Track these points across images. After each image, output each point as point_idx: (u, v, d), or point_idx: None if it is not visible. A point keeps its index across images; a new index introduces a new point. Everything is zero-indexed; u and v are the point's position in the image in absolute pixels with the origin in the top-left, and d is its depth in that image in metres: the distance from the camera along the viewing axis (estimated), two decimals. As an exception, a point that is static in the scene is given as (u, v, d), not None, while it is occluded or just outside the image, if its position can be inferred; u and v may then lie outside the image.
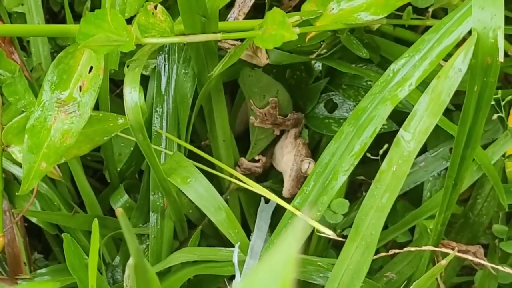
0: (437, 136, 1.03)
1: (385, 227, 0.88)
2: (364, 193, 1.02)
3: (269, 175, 1.12)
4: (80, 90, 0.85)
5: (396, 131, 0.83)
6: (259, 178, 1.10)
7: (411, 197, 1.08)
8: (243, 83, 1.03)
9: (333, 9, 0.88)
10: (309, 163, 1.03)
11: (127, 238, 0.60)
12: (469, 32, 0.77)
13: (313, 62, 1.05)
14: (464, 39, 0.78)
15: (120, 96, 1.10)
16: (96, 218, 0.77)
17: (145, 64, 1.02)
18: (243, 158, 1.05)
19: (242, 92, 1.05)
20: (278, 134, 1.06)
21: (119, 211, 0.60)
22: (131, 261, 0.64)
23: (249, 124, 1.06)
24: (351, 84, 1.05)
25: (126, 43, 0.78)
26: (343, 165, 0.82)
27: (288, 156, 1.04)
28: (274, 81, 1.02)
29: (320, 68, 1.06)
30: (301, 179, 1.03)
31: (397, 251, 0.87)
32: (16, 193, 0.98)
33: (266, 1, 0.97)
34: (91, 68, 0.85)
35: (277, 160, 1.06)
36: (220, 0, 0.89)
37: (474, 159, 0.87)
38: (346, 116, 1.04)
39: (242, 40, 0.92)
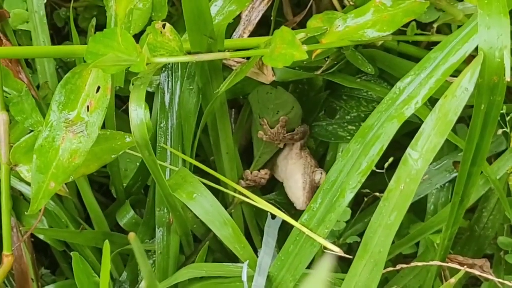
0: (441, 148, 1.03)
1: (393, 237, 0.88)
2: (366, 200, 1.03)
3: (272, 186, 1.13)
4: (88, 110, 0.85)
5: (400, 143, 0.84)
6: (263, 190, 1.10)
7: (415, 209, 1.08)
8: (255, 100, 1.03)
9: (339, 26, 0.89)
10: (321, 173, 1.03)
11: (140, 261, 0.60)
12: (475, 49, 0.78)
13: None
14: (471, 56, 0.79)
15: (126, 111, 1.11)
16: (107, 240, 0.77)
17: (150, 81, 1.02)
18: (247, 171, 1.06)
19: (247, 108, 1.06)
20: (282, 147, 1.06)
21: (131, 236, 0.60)
22: (143, 284, 0.65)
23: (254, 139, 1.07)
24: (351, 95, 1.06)
25: (138, 63, 0.78)
26: (350, 182, 0.83)
27: (293, 167, 1.05)
28: (292, 98, 1.03)
29: (322, 81, 1.07)
30: (314, 189, 1.03)
31: (404, 266, 0.88)
32: (25, 213, 0.99)
33: (272, 17, 0.98)
34: (98, 87, 0.85)
35: (280, 170, 1.07)
36: (227, 20, 0.90)
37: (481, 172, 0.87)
38: (347, 119, 1.05)
39: (247, 57, 0.93)
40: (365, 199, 1.03)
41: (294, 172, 1.05)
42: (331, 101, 1.08)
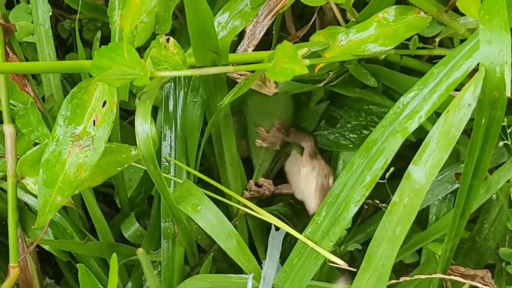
0: (443, 159, 1.05)
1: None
2: (366, 208, 1.04)
3: (276, 197, 1.14)
4: (94, 125, 0.86)
5: (403, 153, 0.85)
6: (267, 201, 1.11)
7: (417, 219, 1.08)
8: (250, 109, 1.04)
9: (341, 40, 0.90)
10: (333, 177, 1.04)
11: (148, 276, 0.61)
12: (478, 65, 0.79)
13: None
14: (474, 70, 0.80)
15: (130, 123, 1.12)
16: (115, 253, 0.78)
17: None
18: (251, 181, 1.07)
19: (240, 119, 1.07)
20: (279, 148, 1.07)
21: (140, 251, 0.61)
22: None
23: (252, 148, 1.08)
24: (352, 107, 1.07)
25: (141, 77, 0.79)
26: (355, 196, 0.84)
27: (309, 177, 1.05)
28: (287, 97, 1.04)
29: (322, 92, 1.08)
30: (326, 192, 1.04)
31: (407, 278, 0.89)
32: (32, 226, 1.00)
33: (273, 32, 0.98)
34: (105, 102, 0.86)
35: (295, 183, 1.08)
36: (231, 36, 0.91)
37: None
38: (348, 127, 1.06)
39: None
40: (365, 207, 1.04)
41: (308, 177, 1.06)
42: (332, 110, 1.08)
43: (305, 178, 1.05)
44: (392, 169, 0.96)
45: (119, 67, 0.80)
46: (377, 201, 1.03)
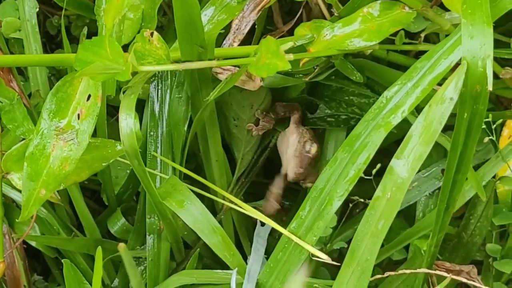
0: (430, 156, 1.03)
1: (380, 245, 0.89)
2: (351, 206, 1.04)
3: (261, 192, 1.14)
4: (79, 118, 0.86)
5: (389, 150, 0.85)
6: (251, 196, 1.11)
7: (405, 215, 1.09)
8: (228, 102, 1.04)
9: (326, 35, 0.90)
10: (311, 144, 1.04)
11: (129, 272, 0.61)
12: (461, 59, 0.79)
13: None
14: (457, 65, 0.80)
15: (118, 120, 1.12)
16: (100, 247, 0.78)
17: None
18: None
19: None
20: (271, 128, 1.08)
21: (121, 246, 0.61)
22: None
23: (232, 142, 1.07)
24: (333, 98, 1.06)
25: (123, 72, 0.79)
26: (338, 190, 0.84)
27: (290, 138, 1.06)
28: (264, 89, 1.04)
29: (304, 83, 1.08)
30: (304, 159, 1.04)
31: (392, 273, 0.89)
32: (16, 220, 1.00)
33: (256, 26, 0.98)
34: (89, 96, 0.86)
35: (283, 149, 1.08)
36: (217, 30, 0.91)
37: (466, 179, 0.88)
38: (328, 113, 1.06)
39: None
40: (350, 205, 1.04)
41: (291, 143, 1.06)
42: (312, 100, 1.08)
43: (292, 143, 1.05)
44: (378, 165, 0.96)
45: (102, 61, 0.80)
46: (363, 199, 1.03)
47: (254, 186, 1.12)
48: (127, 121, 0.84)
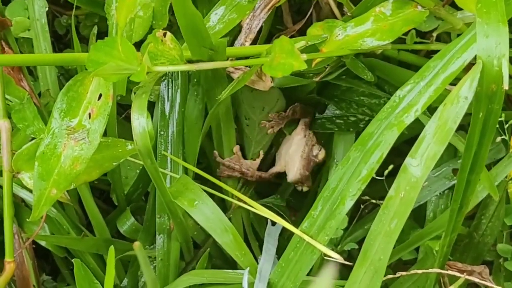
0: (440, 156, 1.04)
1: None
2: (363, 207, 1.04)
3: (269, 189, 1.14)
4: (90, 117, 0.86)
5: (402, 151, 0.85)
6: (260, 193, 1.11)
7: (415, 216, 1.09)
8: (241, 102, 1.04)
9: (338, 35, 0.90)
10: (320, 149, 1.04)
11: (144, 269, 0.61)
12: (475, 58, 0.79)
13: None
14: (470, 64, 0.79)
15: (127, 119, 1.12)
16: (112, 246, 0.77)
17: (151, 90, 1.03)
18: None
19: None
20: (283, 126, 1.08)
21: (136, 245, 0.61)
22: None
23: (243, 140, 1.07)
24: (343, 98, 1.06)
25: (138, 73, 0.79)
26: (350, 189, 0.84)
27: (296, 140, 1.05)
28: (277, 91, 1.04)
29: (314, 83, 1.07)
30: (310, 162, 1.04)
31: (404, 273, 0.88)
32: (27, 219, 0.99)
33: (262, 25, 0.98)
34: (100, 95, 0.86)
35: (283, 148, 1.08)
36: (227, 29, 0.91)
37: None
38: (337, 113, 1.06)
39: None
40: (362, 206, 1.04)
41: (297, 144, 1.05)
42: (322, 100, 1.08)
43: (295, 143, 1.05)
44: (391, 166, 0.96)
45: (115, 62, 0.80)
46: (374, 200, 1.03)
47: (261, 186, 1.12)
48: (140, 121, 0.84)
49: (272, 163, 1.11)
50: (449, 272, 0.87)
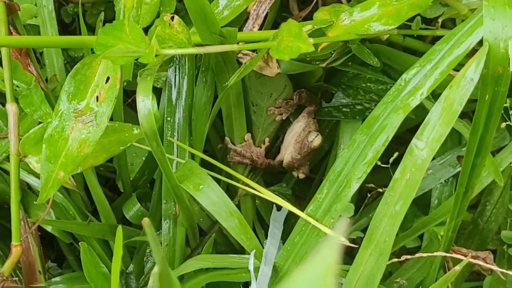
0: (445, 143, 1.04)
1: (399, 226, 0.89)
2: (370, 195, 1.04)
3: (276, 177, 1.14)
4: (97, 100, 0.86)
5: (406, 139, 0.85)
6: (267, 184, 1.12)
7: (419, 204, 1.09)
8: (249, 88, 1.04)
9: (345, 19, 0.90)
10: (316, 135, 1.04)
11: (153, 247, 0.61)
12: (479, 43, 0.79)
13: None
14: (474, 50, 0.80)
15: (131, 106, 1.12)
16: (120, 226, 0.78)
17: (157, 76, 1.04)
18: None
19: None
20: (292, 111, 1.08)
21: (146, 221, 0.61)
22: (156, 269, 0.66)
23: (250, 127, 1.07)
24: (350, 85, 1.07)
25: (146, 54, 0.79)
26: (356, 172, 0.84)
27: (296, 125, 1.06)
28: (284, 77, 1.04)
29: (322, 70, 1.08)
30: (304, 147, 1.04)
31: (409, 257, 0.89)
32: (34, 202, 0.99)
33: (268, 11, 0.98)
34: (108, 78, 0.86)
35: (286, 135, 1.08)
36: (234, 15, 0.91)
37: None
38: (343, 102, 1.06)
39: (254, 50, 0.94)
40: (369, 195, 1.04)
41: (295, 131, 1.06)
42: (329, 88, 1.08)
43: (294, 130, 1.06)
44: (396, 153, 0.97)
45: (123, 44, 0.80)
46: (380, 188, 1.03)
47: (267, 175, 1.12)
48: (145, 103, 0.84)
49: (279, 151, 1.11)
50: (454, 255, 0.87)
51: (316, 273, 0.34)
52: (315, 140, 1.04)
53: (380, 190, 1.03)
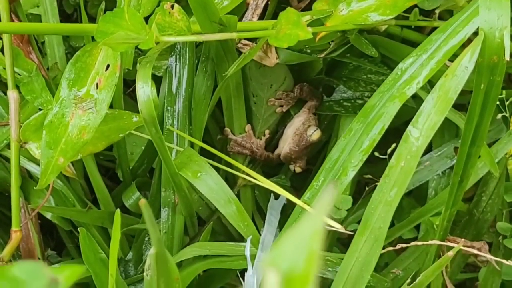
0: (442, 135, 1.06)
1: (392, 224, 0.90)
2: (367, 190, 1.05)
3: (275, 169, 1.15)
4: (97, 87, 0.87)
5: (402, 130, 0.86)
6: (267, 175, 1.12)
7: (416, 195, 1.10)
8: (249, 79, 1.05)
9: (342, 10, 0.91)
10: (315, 130, 1.05)
11: (150, 228, 0.62)
12: (475, 33, 0.80)
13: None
14: (469, 40, 0.81)
15: (131, 95, 1.13)
16: (118, 210, 0.79)
17: (157, 65, 1.05)
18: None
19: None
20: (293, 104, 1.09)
21: (142, 202, 0.62)
22: (152, 250, 0.67)
23: (250, 118, 1.08)
24: (351, 77, 1.07)
25: (146, 41, 0.80)
26: (352, 160, 0.85)
27: (296, 119, 1.07)
28: (284, 68, 1.05)
29: (322, 63, 1.09)
30: (302, 140, 1.05)
31: (404, 245, 0.90)
32: (34, 188, 1.01)
33: (268, 2, 0.99)
34: (108, 66, 0.87)
35: (285, 129, 1.09)
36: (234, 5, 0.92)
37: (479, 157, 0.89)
38: (344, 96, 1.07)
39: (253, 40, 0.95)
40: (367, 188, 1.05)
41: (295, 123, 1.07)
42: (330, 81, 1.09)
43: (294, 124, 1.06)
44: (393, 145, 0.97)
45: (123, 31, 0.81)
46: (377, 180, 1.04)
47: (266, 167, 1.13)
48: (144, 89, 0.85)
49: (277, 145, 1.12)
50: (449, 244, 0.88)
51: (304, 237, 0.35)
52: (314, 134, 1.05)
53: (378, 182, 1.03)
